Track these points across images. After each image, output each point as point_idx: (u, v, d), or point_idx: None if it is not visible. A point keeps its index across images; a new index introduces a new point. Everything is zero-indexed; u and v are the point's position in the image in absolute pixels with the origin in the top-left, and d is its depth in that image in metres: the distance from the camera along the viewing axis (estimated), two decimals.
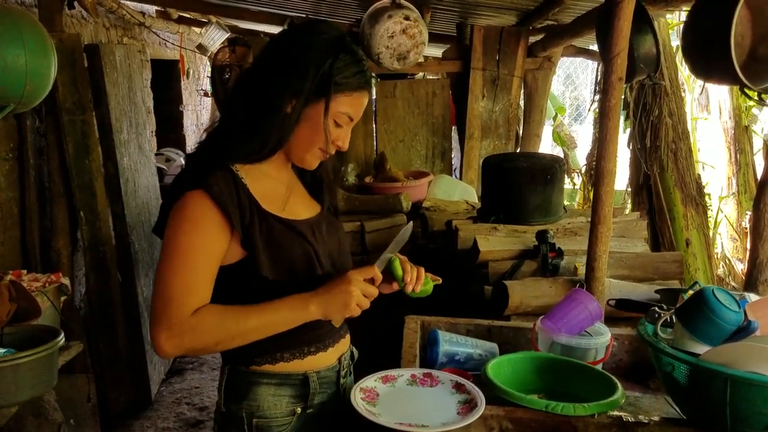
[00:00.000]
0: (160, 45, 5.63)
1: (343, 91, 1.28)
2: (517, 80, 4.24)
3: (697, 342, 1.35)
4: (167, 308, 1.20)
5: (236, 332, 1.23)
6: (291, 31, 1.34)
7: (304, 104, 1.27)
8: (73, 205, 3.23)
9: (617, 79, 1.93)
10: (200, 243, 1.22)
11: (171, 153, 6.16)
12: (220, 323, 1.22)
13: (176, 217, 1.23)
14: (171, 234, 1.23)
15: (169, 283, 1.21)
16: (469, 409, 1.30)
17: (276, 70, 1.28)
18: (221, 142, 1.30)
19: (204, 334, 1.21)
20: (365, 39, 3.36)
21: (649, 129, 3.59)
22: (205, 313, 1.21)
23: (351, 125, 1.34)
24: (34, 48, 2.29)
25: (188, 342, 1.20)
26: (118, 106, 3.53)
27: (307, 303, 1.25)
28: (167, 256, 1.22)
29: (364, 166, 4.24)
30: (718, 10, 1.99)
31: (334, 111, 1.29)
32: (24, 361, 1.96)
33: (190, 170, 1.29)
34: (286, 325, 1.26)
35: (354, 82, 1.29)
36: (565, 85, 10.64)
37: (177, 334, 1.19)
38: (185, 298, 1.20)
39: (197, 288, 1.22)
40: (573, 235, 2.60)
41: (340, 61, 1.27)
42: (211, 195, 1.21)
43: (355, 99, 1.31)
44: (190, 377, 4.05)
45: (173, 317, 1.19)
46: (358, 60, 1.30)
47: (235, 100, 1.33)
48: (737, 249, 4.98)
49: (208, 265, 1.24)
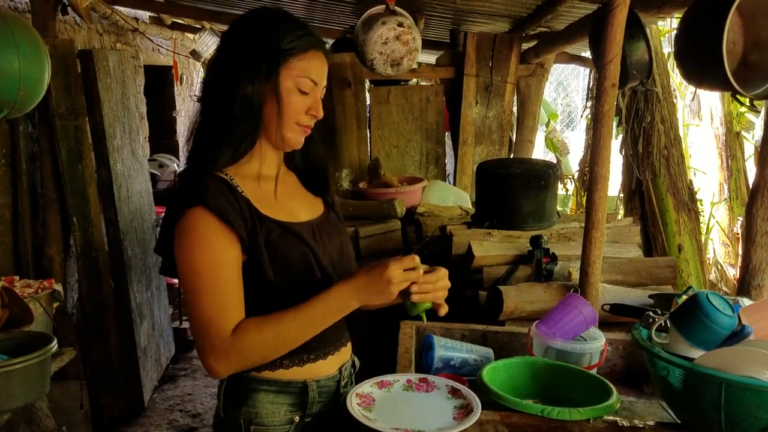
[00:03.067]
0: (154, 51, 5.63)
1: (294, 55, 1.28)
2: (510, 86, 4.25)
3: (692, 346, 1.35)
4: (207, 333, 1.20)
5: (277, 341, 1.24)
6: (234, 23, 1.35)
7: (262, 82, 1.27)
8: (65, 211, 3.21)
9: (610, 86, 1.94)
10: (217, 260, 1.21)
11: (164, 159, 6.15)
12: (261, 337, 1.22)
13: (184, 239, 1.22)
14: (185, 258, 1.22)
15: (201, 309, 1.21)
16: (465, 414, 1.29)
17: (228, 62, 1.29)
18: (204, 150, 1.29)
19: (249, 350, 1.22)
20: (359, 45, 3.37)
21: (641, 135, 3.61)
22: (244, 331, 1.21)
23: (317, 90, 1.33)
24: (28, 53, 2.29)
25: (235, 360, 1.22)
26: (111, 111, 3.52)
27: (348, 297, 1.25)
28: (191, 281, 1.22)
29: (358, 172, 4.24)
30: (710, 17, 2.01)
31: (293, 76, 1.28)
32: (16, 367, 1.95)
33: (184, 188, 1.28)
34: (327, 323, 1.27)
35: (302, 43, 1.29)
36: (557, 92, 10.69)
37: (223, 355, 1.20)
38: (221, 319, 1.20)
39: (229, 305, 1.22)
40: (567, 241, 2.60)
41: (281, 30, 1.28)
42: (211, 209, 1.21)
43: (309, 60, 1.30)
44: (183, 384, 4.03)
45: (216, 339, 1.20)
46: (300, 25, 1.31)
47: (204, 102, 1.34)
48: (729, 254, 5.01)
49: (233, 278, 1.23)
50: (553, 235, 2.64)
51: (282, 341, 1.24)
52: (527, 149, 4.68)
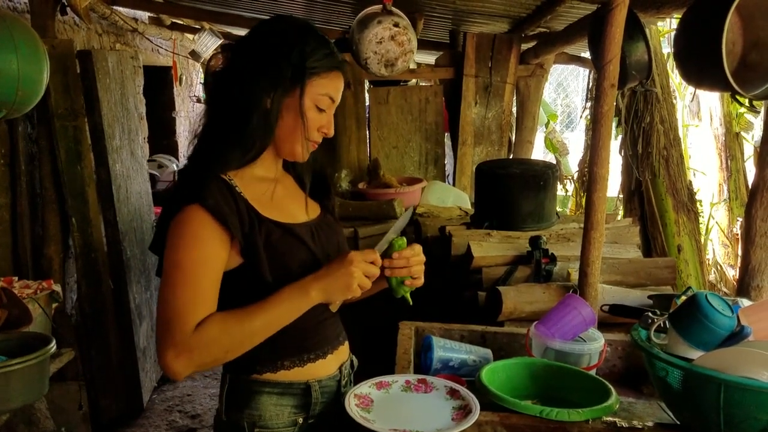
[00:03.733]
0: (153, 51, 5.62)
1: (318, 74, 1.30)
2: (510, 87, 4.25)
3: (691, 347, 1.35)
4: (171, 327, 1.17)
5: (242, 335, 1.22)
6: (257, 29, 1.35)
7: (282, 96, 1.28)
8: (64, 211, 3.21)
9: (609, 86, 1.94)
10: (201, 257, 1.20)
11: (163, 159, 6.15)
12: (224, 330, 1.20)
13: (175, 234, 1.22)
14: (171, 252, 1.22)
15: (172, 301, 1.19)
16: (464, 415, 1.29)
17: (249, 69, 1.29)
18: (209, 152, 1.29)
19: (211, 344, 1.19)
20: (354, 44, 3.36)
21: (641, 135, 3.61)
22: (207, 324, 1.19)
23: (332, 108, 1.36)
24: (27, 54, 2.28)
25: (197, 357, 1.18)
26: (110, 112, 3.52)
27: (307, 289, 1.25)
28: (168, 275, 1.21)
29: (357, 173, 4.24)
30: (709, 17, 2.01)
31: (314, 94, 1.30)
32: (15, 368, 1.95)
33: (183, 186, 1.27)
34: (290, 317, 1.25)
35: (326, 63, 1.31)
36: (557, 93, 10.69)
37: (184, 351, 1.17)
38: (189, 315, 1.18)
39: (201, 303, 1.20)
40: (566, 241, 2.60)
41: (309, 46, 1.29)
42: (208, 208, 1.20)
43: (331, 80, 1.33)
44: (182, 385, 4.02)
45: (177, 334, 1.17)
46: (325, 43, 1.33)
47: (214, 106, 1.34)
48: (728, 255, 5.01)
49: (211, 279, 1.22)
50: (552, 236, 2.64)
51: (248, 335, 1.22)
52: (526, 150, 4.68)
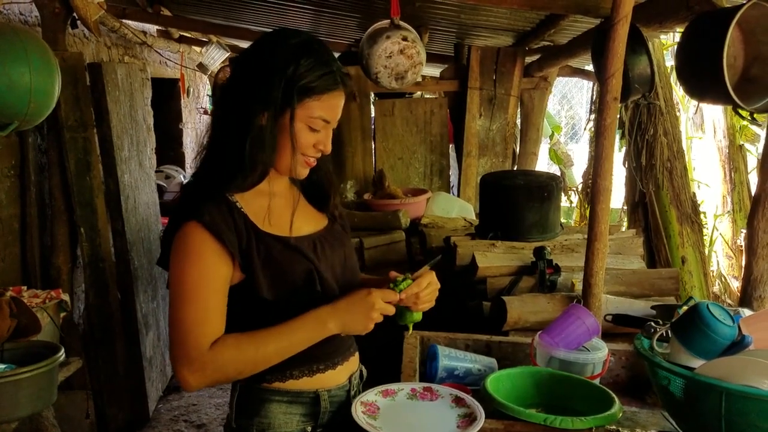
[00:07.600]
0: (161, 64, 5.68)
1: (310, 96, 1.26)
2: (514, 99, 4.29)
3: (693, 356, 1.37)
4: (184, 344, 1.21)
5: (256, 360, 1.25)
6: (257, 43, 1.32)
7: (275, 115, 1.25)
8: (73, 221, 3.24)
9: (612, 99, 1.96)
10: (204, 274, 1.22)
11: (171, 170, 6.19)
12: (239, 354, 1.23)
13: (176, 251, 1.24)
14: (175, 270, 1.24)
15: (182, 319, 1.22)
16: (469, 422, 1.31)
17: (245, 85, 1.26)
18: (214, 174, 1.29)
19: (225, 366, 1.23)
20: (364, 59, 3.41)
21: (644, 148, 3.63)
22: (222, 346, 1.22)
23: (329, 128, 1.32)
24: (39, 66, 2.32)
25: (210, 374, 1.22)
26: (119, 123, 3.56)
27: (325, 321, 1.27)
28: (176, 293, 1.23)
29: (363, 183, 4.27)
30: (711, 31, 2.03)
31: (305, 116, 1.27)
32: (24, 377, 1.96)
33: (184, 202, 1.29)
34: (305, 345, 1.28)
35: (321, 84, 1.26)
36: (561, 105, 10.71)
37: (199, 368, 1.21)
38: (200, 332, 1.21)
39: (209, 319, 1.23)
40: (570, 252, 2.62)
41: (302, 67, 1.24)
42: (204, 224, 1.22)
43: (326, 102, 1.28)
44: (188, 394, 4.03)
45: (192, 351, 1.21)
46: (324, 62, 1.27)
47: (216, 120, 1.33)
48: (733, 267, 5.00)
49: (217, 295, 1.24)
50: (556, 247, 2.65)
51: (260, 360, 1.25)
52: (531, 161, 4.71)
